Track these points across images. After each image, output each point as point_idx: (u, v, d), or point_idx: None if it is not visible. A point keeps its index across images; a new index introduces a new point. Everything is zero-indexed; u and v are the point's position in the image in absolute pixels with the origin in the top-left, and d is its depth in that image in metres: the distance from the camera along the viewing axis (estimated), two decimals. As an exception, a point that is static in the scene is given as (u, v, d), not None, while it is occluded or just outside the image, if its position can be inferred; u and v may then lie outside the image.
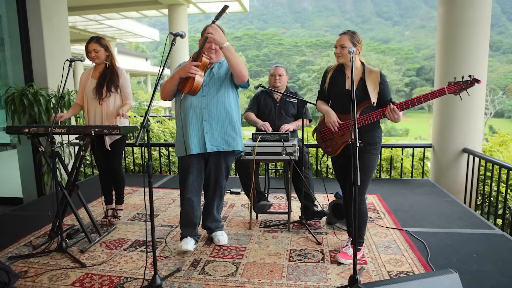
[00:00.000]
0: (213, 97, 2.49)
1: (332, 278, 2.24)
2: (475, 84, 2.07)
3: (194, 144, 2.46)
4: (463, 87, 2.09)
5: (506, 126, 37.31)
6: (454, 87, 2.11)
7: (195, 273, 2.33)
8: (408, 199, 3.79)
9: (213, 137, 2.49)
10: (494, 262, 2.39)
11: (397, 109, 2.19)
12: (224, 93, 2.52)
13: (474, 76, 2.07)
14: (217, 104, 2.49)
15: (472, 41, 4.05)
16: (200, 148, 2.48)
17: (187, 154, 2.48)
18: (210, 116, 2.48)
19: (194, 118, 2.47)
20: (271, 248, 2.67)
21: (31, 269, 2.38)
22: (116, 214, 3.24)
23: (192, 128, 2.47)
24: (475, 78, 2.06)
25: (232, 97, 2.58)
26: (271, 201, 3.76)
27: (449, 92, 2.12)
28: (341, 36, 2.39)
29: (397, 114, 2.20)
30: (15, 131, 2.73)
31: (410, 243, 2.70)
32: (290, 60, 54.84)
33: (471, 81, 2.07)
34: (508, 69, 47.01)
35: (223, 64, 2.59)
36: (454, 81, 2.13)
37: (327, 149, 2.56)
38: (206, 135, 2.47)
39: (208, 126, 2.47)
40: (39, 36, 4.42)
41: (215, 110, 2.48)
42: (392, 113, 2.20)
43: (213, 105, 2.48)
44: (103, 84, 2.95)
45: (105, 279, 2.25)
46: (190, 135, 2.46)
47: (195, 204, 2.61)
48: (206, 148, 2.48)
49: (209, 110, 2.48)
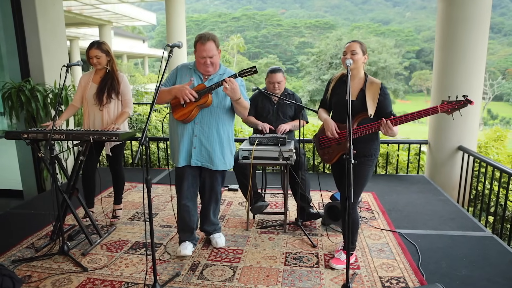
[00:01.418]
0: (208, 114, 2.49)
1: (326, 284, 2.32)
2: (468, 105, 2.10)
3: (182, 157, 2.51)
4: (456, 107, 2.12)
5: (505, 110, 37.31)
6: (447, 106, 2.14)
7: (193, 278, 2.41)
8: (402, 198, 3.86)
9: (200, 153, 2.51)
10: (482, 267, 2.48)
11: (391, 125, 2.22)
12: (219, 112, 2.51)
13: (467, 97, 2.10)
14: (209, 122, 2.49)
15: (471, 38, 4.04)
16: (186, 161, 2.53)
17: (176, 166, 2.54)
18: (202, 133, 2.49)
19: (186, 132, 2.49)
20: (268, 251, 2.75)
21: (35, 273, 2.45)
22: (116, 214, 3.30)
23: (183, 142, 2.49)
24: (468, 99, 2.09)
25: (227, 116, 2.57)
26: (268, 198, 3.84)
27: (442, 111, 2.15)
28: (352, 42, 2.40)
29: (391, 129, 2.22)
30: (14, 136, 2.75)
31: (402, 246, 2.78)
32: (289, 42, 54.14)
33: (464, 101, 2.10)
34: (509, 52, 46.58)
35: (223, 78, 2.51)
36: (448, 100, 2.15)
37: (324, 156, 2.61)
38: (193, 150, 2.49)
39: (198, 142, 2.49)
40: (34, 30, 4.37)
41: (207, 128, 2.49)
42: (385, 128, 2.23)
43: (206, 123, 2.49)
44: (104, 90, 2.95)
45: (107, 284, 2.33)
46: (180, 148, 2.50)
47: (191, 209, 2.66)
48: (191, 161, 2.51)
49: (201, 127, 2.49)
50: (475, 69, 4.10)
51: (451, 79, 4.17)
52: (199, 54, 2.43)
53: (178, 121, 2.49)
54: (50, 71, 4.50)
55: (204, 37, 2.42)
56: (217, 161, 2.55)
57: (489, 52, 49.22)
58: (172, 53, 2.19)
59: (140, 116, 6.87)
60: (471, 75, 4.12)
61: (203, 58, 2.43)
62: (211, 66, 2.47)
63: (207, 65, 2.45)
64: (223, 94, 2.47)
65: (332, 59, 28.59)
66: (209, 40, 2.41)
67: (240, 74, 2.34)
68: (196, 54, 2.46)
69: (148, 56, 34.58)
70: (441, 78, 4.29)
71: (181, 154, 2.50)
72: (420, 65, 46.12)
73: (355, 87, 2.41)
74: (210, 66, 2.47)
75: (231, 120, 2.63)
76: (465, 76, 4.11)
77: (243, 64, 42.01)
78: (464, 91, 4.08)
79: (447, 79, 4.20)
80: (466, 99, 2.09)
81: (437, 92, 4.35)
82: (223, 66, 2.60)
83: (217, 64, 2.52)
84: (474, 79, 4.13)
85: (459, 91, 4.12)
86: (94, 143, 2.70)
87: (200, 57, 2.43)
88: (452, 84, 4.14)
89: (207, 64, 2.45)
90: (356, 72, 2.41)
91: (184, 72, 2.56)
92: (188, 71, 2.55)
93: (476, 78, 4.14)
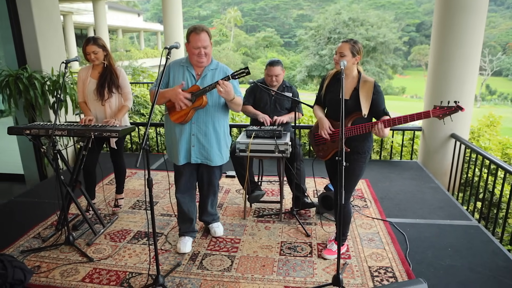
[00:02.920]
0: (204, 113, 2.54)
1: (318, 274, 2.48)
2: (458, 111, 2.17)
3: (181, 156, 2.60)
4: (447, 113, 2.19)
5: (504, 85, 37.14)
6: (439, 111, 2.21)
7: (194, 267, 2.56)
8: (395, 185, 3.99)
9: (199, 151, 2.59)
10: (465, 257, 2.64)
11: (384, 129, 2.29)
12: (214, 110, 2.56)
13: (459, 103, 2.17)
14: (206, 121, 2.55)
15: (469, 26, 4.05)
16: (186, 159, 2.61)
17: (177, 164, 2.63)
18: (199, 131, 2.56)
19: (184, 132, 2.56)
20: (264, 241, 2.89)
21: (43, 263, 2.59)
22: (117, 203, 3.42)
23: (181, 142, 2.57)
24: (459, 105, 2.16)
25: (222, 113, 2.62)
26: (264, 186, 3.97)
27: (434, 116, 2.23)
28: (342, 43, 2.43)
29: (383, 132, 2.30)
30: (16, 132, 2.81)
31: (392, 236, 2.93)
32: (287, 14, 52.91)
33: (455, 107, 2.17)
34: (510, 25, 45.80)
35: (215, 75, 2.57)
36: (440, 106, 2.23)
37: (319, 152, 2.69)
38: (192, 148, 2.57)
39: (196, 140, 2.57)
40: (29, 16, 4.33)
41: (204, 126, 2.56)
42: (378, 131, 2.30)
43: (202, 121, 2.55)
44: (104, 85, 2.99)
45: (112, 274, 2.48)
46: (179, 148, 2.58)
47: (189, 202, 2.78)
48: (191, 159, 2.60)
49: (198, 126, 2.55)
50: (471, 55, 4.13)
51: (447, 65, 4.21)
52: (194, 44, 2.44)
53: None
54: (46, 57, 4.50)
55: (198, 28, 2.46)
56: (215, 157, 2.64)
57: (490, 26, 48.37)
58: (170, 55, 2.22)
59: (138, 98, 6.87)
60: (467, 62, 4.15)
61: (197, 49, 2.44)
62: (204, 57, 2.49)
63: (201, 55, 2.47)
64: (217, 93, 2.52)
65: (331, 34, 28.18)
66: (203, 31, 2.45)
67: (233, 76, 2.37)
68: (190, 45, 2.46)
69: (143, 30, 33.89)
70: (437, 60, 4.31)
71: (181, 153, 2.58)
72: (420, 39, 45.40)
73: (348, 86, 2.47)
74: (203, 57, 2.49)
75: (226, 115, 2.69)
76: (461, 63, 4.15)
77: (240, 38, 41.28)
78: (460, 78, 4.16)
79: (444, 62, 4.23)
80: (457, 106, 2.17)
81: (433, 76, 4.39)
82: (214, 60, 2.62)
83: (210, 55, 2.54)
84: (469, 67, 4.17)
85: (454, 78, 4.20)
86: (95, 138, 2.77)
87: (195, 47, 2.44)
88: (448, 70, 4.19)
89: (201, 55, 2.47)
90: (348, 72, 2.46)
91: (176, 70, 2.57)
92: (181, 68, 2.57)
93: (472, 63, 4.18)
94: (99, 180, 3.52)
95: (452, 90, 4.21)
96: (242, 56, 37.25)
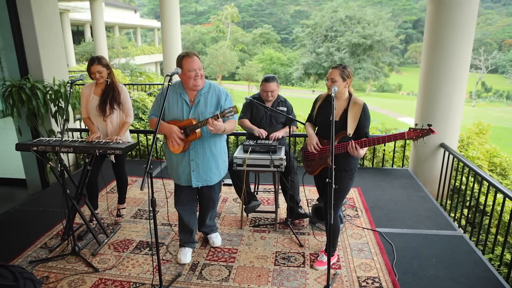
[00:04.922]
0: (200, 140, 2.64)
1: (310, 284, 2.65)
2: (431, 134, 2.33)
3: (183, 179, 2.75)
4: (420, 135, 2.36)
5: (500, 82, 37.43)
6: (413, 133, 2.38)
7: (193, 277, 2.72)
8: (385, 194, 4.17)
9: (198, 175, 2.72)
10: (448, 267, 2.81)
11: (358, 148, 2.46)
12: (210, 136, 2.66)
13: (431, 126, 2.33)
14: (203, 146, 2.68)
15: (456, 42, 4.20)
16: (188, 182, 2.75)
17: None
18: (197, 157, 2.69)
19: (183, 158, 2.69)
20: (259, 251, 3.06)
21: (51, 274, 2.74)
22: (120, 213, 3.57)
23: (182, 167, 2.71)
24: (431, 128, 2.33)
25: (217, 137, 2.73)
26: (260, 195, 4.13)
27: (408, 138, 2.40)
28: (332, 70, 2.59)
29: (358, 152, 2.47)
30: (24, 148, 2.95)
31: (380, 246, 3.10)
32: (284, 10, 52.87)
33: (428, 130, 2.34)
34: (507, 22, 46.05)
35: (208, 98, 2.65)
36: (414, 128, 2.40)
37: (308, 168, 2.86)
38: (192, 173, 2.71)
39: (195, 165, 2.70)
40: (30, 26, 4.43)
41: (201, 151, 2.69)
42: (352, 150, 2.48)
43: (199, 148, 2.67)
44: (106, 102, 3.13)
45: (117, 285, 2.63)
46: (180, 172, 2.73)
47: (189, 214, 2.93)
48: (192, 183, 2.73)
49: (196, 152, 2.68)
50: (458, 70, 4.29)
51: (438, 73, 4.36)
52: (189, 67, 2.53)
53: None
54: (47, 66, 4.60)
55: (189, 52, 2.59)
56: (214, 176, 2.79)
57: (487, 23, 48.57)
58: (171, 82, 2.36)
59: (137, 103, 7.00)
60: (456, 71, 4.31)
61: (193, 71, 2.54)
62: (200, 79, 2.59)
63: (197, 78, 2.57)
64: (203, 109, 2.62)
65: (327, 32, 28.24)
66: (194, 55, 2.57)
67: (221, 115, 2.44)
68: (185, 68, 2.53)
69: (140, 27, 33.79)
70: (427, 75, 4.47)
71: (183, 177, 2.74)
72: (417, 35, 45.58)
73: (339, 108, 2.63)
74: (199, 79, 2.59)
75: (222, 137, 2.82)
76: (450, 76, 4.32)
77: (237, 34, 41.23)
78: (449, 87, 4.31)
79: (433, 75, 4.39)
80: (429, 129, 2.33)
81: (423, 90, 4.55)
82: (206, 81, 2.72)
83: (203, 77, 2.66)
84: (458, 79, 4.33)
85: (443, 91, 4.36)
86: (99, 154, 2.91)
87: (190, 70, 2.53)
88: (439, 83, 4.35)
89: (197, 77, 2.57)
90: (339, 95, 2.62)
91: (171, 97, 2.66)
92: (175, 95, 2.66)
93: (460, 79, 4.34)
94: (101, 188, 3.67)
95: (445, 89, 4.35)
96: (239, 53, 37.24)
